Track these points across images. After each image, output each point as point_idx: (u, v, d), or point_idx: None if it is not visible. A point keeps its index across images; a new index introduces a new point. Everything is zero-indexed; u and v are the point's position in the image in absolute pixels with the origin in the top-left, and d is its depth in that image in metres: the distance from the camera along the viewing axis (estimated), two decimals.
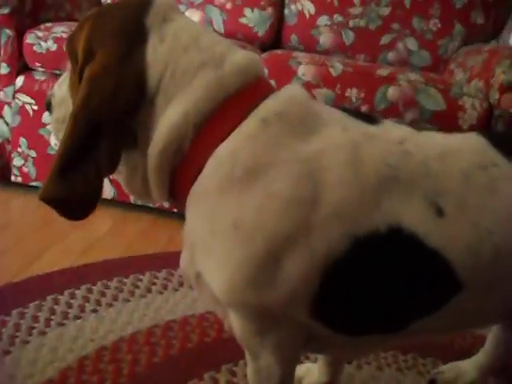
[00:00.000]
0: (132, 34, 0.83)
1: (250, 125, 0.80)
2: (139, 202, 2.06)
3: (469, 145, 0.88)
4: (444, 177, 0.82)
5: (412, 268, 0.81)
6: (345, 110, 0.89)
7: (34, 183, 2.14)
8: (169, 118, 0.81)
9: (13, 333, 1.29)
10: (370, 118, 0.89)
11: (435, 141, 0.88)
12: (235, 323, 0.87)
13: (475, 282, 0.83)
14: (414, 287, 0.82)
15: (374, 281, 0.80)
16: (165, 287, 1.56)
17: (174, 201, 0.90)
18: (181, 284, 1.57)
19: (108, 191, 2.07)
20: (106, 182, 2.04)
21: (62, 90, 0.93)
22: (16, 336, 1.28)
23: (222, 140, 0.80)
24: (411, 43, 2.48)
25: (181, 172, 0.83)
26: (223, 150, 0.79)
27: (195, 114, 0.81)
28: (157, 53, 0.82)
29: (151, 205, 2.03)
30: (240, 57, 0.85)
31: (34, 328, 1.31)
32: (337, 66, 1.91)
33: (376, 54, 2.51)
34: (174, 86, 0.82)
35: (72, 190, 0.80)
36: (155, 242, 1.84)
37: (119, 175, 0.90)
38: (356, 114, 0.88)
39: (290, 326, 0.86)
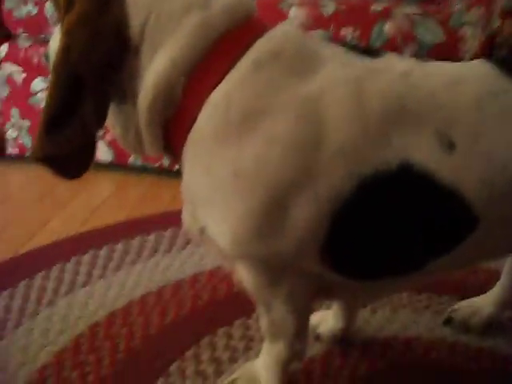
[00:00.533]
0: None
1: (242, 67, 0.75)
2: (139, 164, 2.03)
3: (477, 72, 0.83)
4: (454, 107, 0.78)
5: (424, 206, 0.77)
6: (344, 45, 0.84)
7: (29, 155, 2.10)
8: (156, 68, 0.77)
9: (22, 305, 1.27)
10: (371, 52, 0.84)
11: (442, 70, 0.83)
12: (245, 276, 0.84)
13: (490, 216, 0.79)
14: (428, 226, 0.79)
15: (384, 222, 0.77)
16: (171, 246, 1.54)
17: (170, 154, 0.86)
18: (187, 242, 1.55)
19: (106, 155, 2.03)
20: (103, 145, 2.00)
21: (55, 41, 0.88)
22: (25, 308, 1.26)
23: (215, 85, 0.75)
24: None
25: (174, 123, 0.79)
26: (216, 95, 0.75)
27: (184, 60, 0.76)
28: None
29: (152, 165, 1.99)
30: None
31: (42, 298, 1.30)
32: (329, 6, 1.84)
33: None
34: (159, 33, 0.77)
35: (60, 147, 0.76)
36: (158, 202, 1.81)
37: (114, 130, 0.87)
38: (356, 48, 0.83)
39: (300, 275, 0.83)
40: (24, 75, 1.99)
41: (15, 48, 1.99)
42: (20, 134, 2.07)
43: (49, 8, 1.88)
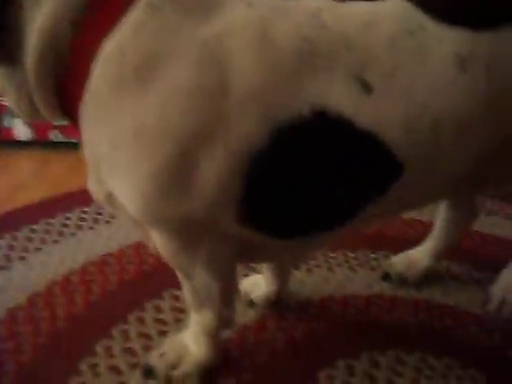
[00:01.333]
0: None
1: (136, 12, 0.68)
2: (61, 139, 1.92)
3: (393, 11, 0.78)
4: (368, 48, 0.73)
5: (344, 154, 0.73)
6: None
7: None
8: (39, 23, 0.68)
9: None
10: None
11: (355, 10, 0.78)
12: (159, 243, 0.78)
13: (416, 161, 0.75)
14: (349, 175, 0.74)
15: (302, 173, 0.72)
16: (96, 221, 1.46)
17: (68, 118, 0.78)
18: (113, 216, 1.47)
19: (24, 133, 1.91)
20: (20, 123, 1.89)
21: None
22: None
23: (107, 34, 0.68)
24: None
25: (66, 81, 0.71)
26: (109, 45, 0.67)
27: (67, 8, 0.68)
28: None
29: (74, 140, 1.89)
30: None
31: None
32: None
33: None
34: None
35: None
36: (82, 178, 1.70)
37: (8, 97, 0.78)
38: None
39: (218, 238, 0.77)
40: None
41: None
42: None
43: None
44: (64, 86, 0.72)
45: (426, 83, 0.73)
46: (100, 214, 1.49)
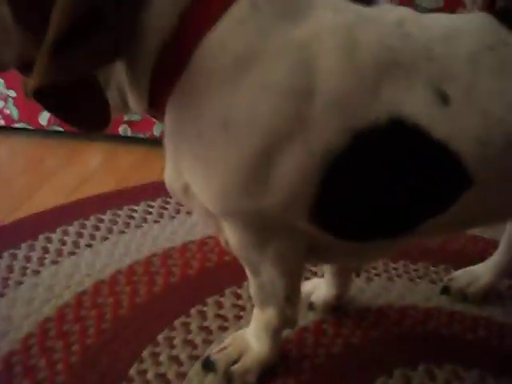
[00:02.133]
0: None
1: (238, 9, 0.71)
2: (129, 134, 1.98)
3: (476, 24, 0.79)
4: (449, 60, 0.74)
5: (417, 163, 0.73)
6: None
7: (17, 125, 2.04)
8: (153, 11, 0.71)
9: (6, 275, 1.23)
10: (363, 0, 0.79)
11: (439, 22, 0.79)
12: (231, 236, 0.80)
13: (486, 175, 0.75)
14: (420, 184, 0.75)
15: (376, 179, 0.73)
16: (161, 216, 1.49)
17: (152, 109, 0.80)
18: (177, 211, 1.50)
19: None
20: None
21: None
22: (9, 278, 1.22)
23: (209, 28, 0.70)
24: None
25: (162, 70, 0.73)
26: (211, 39, 0.70)
27: (177, 4, 0.71)
28: None
29: (142, 135, 1.94)
30: None
31: (27, 268, 1.25)
32: None
33: None
34: None
35: (67, 71, 0.66)
36: (148, 173, 1.76)
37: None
38: None
39: (289, 236, 0.79)
40: None
41: None
42: (6, 104, 2.01)
43: None
44: (159, 74, 0.74)
45: (503, 99, 0.73)
46: (165, 209, 1.53)
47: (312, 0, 0.74)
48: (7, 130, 2.07)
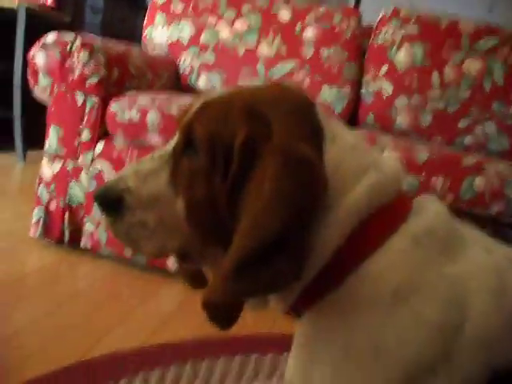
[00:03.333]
0: (315, 132, 0.77)
1: (399, 241, 0.75)
2: None
3: None
4: None
5: None
6: None
7: (102, 251, 2.11)
8: (326, 231, 0.75)
9: None
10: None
11: None
12: None
13: None
14: None
15: None
16: (256, 374, 1.46)
17: (291, 309, 0.83)
18: (271, 372, 1.46)
19: (172, 263, 2.02)
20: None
21: (149, 185, 0.81)
22: None
23: (369, 254, 0.74)
24: (490, 128, 2.42)
25: (315, 282, 0.76)
26: (371, 266, 0.74)
27: (353, 220, 0.75)
28: (331, 151, 0.77)
29: None
30: (393, 162, 0.81)
31: None
32: (422, 153, 1.86)
33: (453, 138, 2.45)
34: (342, 187, 0.75)
35: (248, 294, 0.71)
36: (239, 322, 1.76)
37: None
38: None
39: None
40: (114, 173, 2.05)
41: (110, 147, 2.07)
42: (97, 229, 2.10)
43: (150, 117, 1.97)
44: (312, 289, 0.77)
45: None
46: (259, 368, 1.49)
47: (465, 238, 0.78)
48: (91, 253, 2.15)
